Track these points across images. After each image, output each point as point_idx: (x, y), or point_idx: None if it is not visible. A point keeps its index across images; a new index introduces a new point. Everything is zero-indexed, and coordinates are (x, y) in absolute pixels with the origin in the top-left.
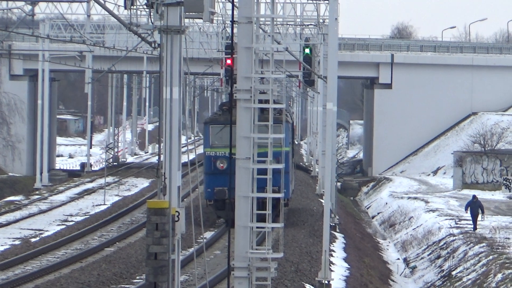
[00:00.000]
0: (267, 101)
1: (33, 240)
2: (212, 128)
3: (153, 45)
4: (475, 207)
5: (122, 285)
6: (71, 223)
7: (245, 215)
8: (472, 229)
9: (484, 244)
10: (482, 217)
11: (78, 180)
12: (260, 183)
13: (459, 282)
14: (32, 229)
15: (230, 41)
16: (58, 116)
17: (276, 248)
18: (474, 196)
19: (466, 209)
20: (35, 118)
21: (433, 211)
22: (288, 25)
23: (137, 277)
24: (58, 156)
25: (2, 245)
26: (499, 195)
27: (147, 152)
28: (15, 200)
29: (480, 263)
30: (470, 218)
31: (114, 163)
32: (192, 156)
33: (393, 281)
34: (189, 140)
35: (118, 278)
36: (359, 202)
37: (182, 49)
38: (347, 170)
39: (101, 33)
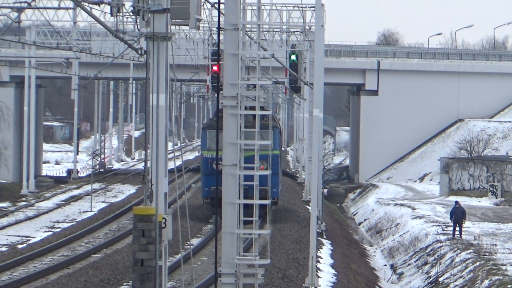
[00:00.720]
0: (253, 108)
1: (20, 246)
2: (209, 133)
3: (139, 51)
4: (458, 213)
5: None
6: (58, 229)
7: (232, 222)
8: (451, 235)
9: (471, 250)
10: (462, 223)
11: (65, 187)
12: (248, 180)
13: None
14: (19, 236)
15: (216, 48)
16: (44, 123)
17: (263, 254)
18: (456, 202)
19: (451, 217)
20: (22, 124)
21: (420, 217)
22: (274, 32)
23: (124, 284)
24: (44, 162)
25: None
26: (485, 202)
27: (134, 159)
28: (2, 207)
29: (467, 269)
30: (452, 224)
31: (101, 170)
32: (178, 162)
33: (380, 287)
34: (175, 147)
35: (105, 284)
36: (345, 208)
37: (169, 55)
38: (333, 176)
39: (88, 39)
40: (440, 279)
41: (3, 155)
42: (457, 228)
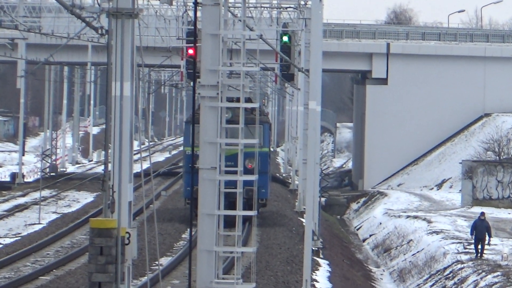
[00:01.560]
0: (237, 100)
1: None
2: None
3: (99, 31)
4: (481, 228)
5: None
6: None
7: (210, 237)
8: (475, 255)
9: (498, 273)
10: (488, 242)
11: (8, 194)
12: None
13: None
14: None
15: (192, 27)
16: None
17: (247, 277)
18: (482, 214)
19: (471, 232)
20: None
21: (437, 232)
22: (262, 8)
23: None
24: None
25: None
26: None
27: (92, 161)
28: None
29: None
30: (474, 241)
31: (52, 174)
32: (146, 165)
33: None
34: (142, 146)
35: None
36: (347, 221)
37: (135, 36)
38: (333, 182)
39: (37, 17)
40: None
41: None
42: (480, 246)
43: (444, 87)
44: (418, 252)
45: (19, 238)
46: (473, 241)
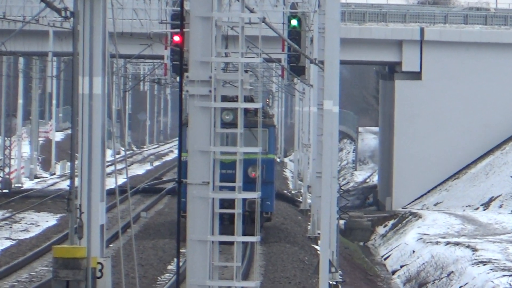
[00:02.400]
0: (235, 99)
1: None
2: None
3: (63, 13)
4: None
5: None
6: None
7: (201, 269)
8: None
9: None
10: None
11: None
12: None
13: None
14: None
15: (178, 9)
16: None
17: None
18: None
19: None
20: None
21: (485, 263)
22: None
23: None
24: None
25: None
26: None
27: (54, 174)
28: None
29: None
30: None
31: (5, 190)
32: (122, 179)
33: None
34: (117, 156)
35: None
36: (372, 249)
37: (107, 19)
38: (354, 201)
39: None
40: None
41: None
42: None
43: (492, 83)
44: (461, 287)
45: None
46: None
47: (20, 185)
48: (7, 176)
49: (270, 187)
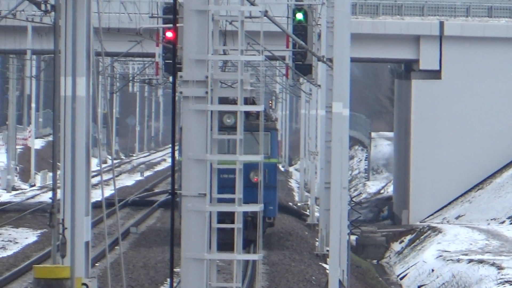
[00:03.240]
0: (233, 101)
1: None
2: None
3: (43, 7)
4: None
5: None
6: None
7: None
8: None
9: None
10: None
11: None
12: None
13: None
14: None
15: (171, 1)
16: None
17: None
18: None
19: None
20: None
21: (511, 282)
22: None
23: None
24: None
25: None
26: None
27: (34, 186)
28: None
29: None
30: None
31: None
32: (109, 191)
33: None
34: (104, 166)
35: None
36: (387, 268)
37: (92, 13)
38: (367, 214)
39: None
40: None
41: None
42: None
43: None
44: None
45: None
46: None
47: None
48: None
49: (272, 192)
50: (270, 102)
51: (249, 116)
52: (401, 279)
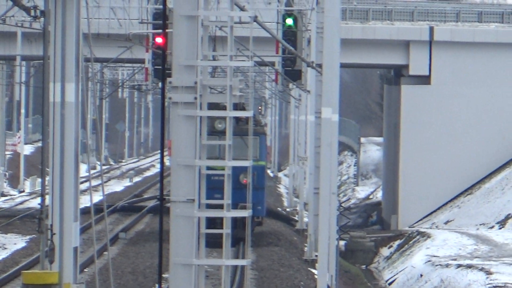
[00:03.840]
0: (224, 106)
1: None
2: None
3: (32, 12)
4: None
5: None
6: None
7: None
8: None
9: None
10: None
11: None
12: (233, 198)
13: None
14: None
15: (161, 6)
16: None
17: None
18: None
19: None
20: None
21: (500, 287)
22: None
23: None
24: None
25: None
26: None
27: (23, 191)
28: None
29: None
30: None
31: None
32: (98, 197)
33: None
34: (92, 172)
35: None
36: (376, 273)
37: (81, 19)
38: (356, 220)
39: None
40: None
41: None
42: None
43: (510, 88)
44: None
45: None
46: None
47: None
48: None
49: (261, 193)
50: (260, 107)
51: (239, 121)
52: (389, 284)
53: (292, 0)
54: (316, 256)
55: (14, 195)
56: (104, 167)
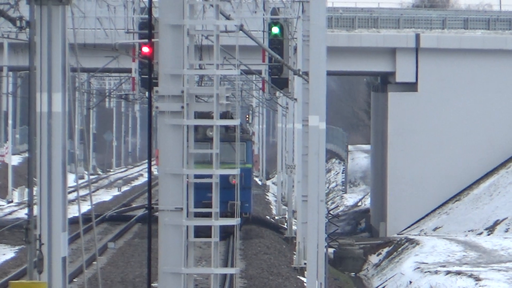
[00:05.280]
0: (209, 115)
1: None
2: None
3: (18, 23)
4: None
5: None
6: None
7: None
8: None
9: None
10: None
11: None
12: (220, 196)
13: None
14: None
15: (147, 16)
16: None
17: None
18: None
19: None
20: None
21: None
22: None
23: None
24: None
25: None
26: None
27: (11, 202)
28: None
29: None
30: None
31: None
32: (86, 207)
33: None
34: (80, 181)
35: None
36: (365, 280)
37: (67, 29)
38: (344, 227)
39: None
40: None
41: None
42: None
43: (496, 94)
44: None
45: None
46: None
47: None
48: None
49: (248, 192)
50: (247, 116)
51: (228, 129)
52: None
53: (278, 8)
54: (305, 264)
55: (3, 205)
56: (92, 177)
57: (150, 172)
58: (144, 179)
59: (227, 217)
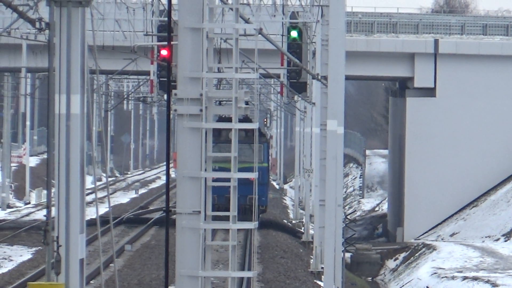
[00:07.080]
0: (228, 119)
1: None
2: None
3: (37, 25)
4: None
5: None
6: None
7: None
8: None
9: None
10: None
11: None
12: (240, 190)
13: None
14: None
15: (166, 19)
16: None
17: None
18: None
19: None
20: None
21: None
22: None
23: None
24: None
25: None
26: None
27: (29, 203)
28: None
29: None
30: None
31: None
32: (104, 209)
33: None
34: (98, 184)
35: None
36: (382, 285)
37: (87, 31)
38: (361, 232)
39: None
40: None
41: None
42: None
43: None
44: None
45: None
46: None
47: None
48: None
49: (264, 187)
50: (265, 120)
51: (248, 132)
52: None
53: (297, 12)
54: (322, 268)
55: (20, 207)
56: (109, 179)
57: (168, 174)
58: (161, 181)
59: (245, 209)
